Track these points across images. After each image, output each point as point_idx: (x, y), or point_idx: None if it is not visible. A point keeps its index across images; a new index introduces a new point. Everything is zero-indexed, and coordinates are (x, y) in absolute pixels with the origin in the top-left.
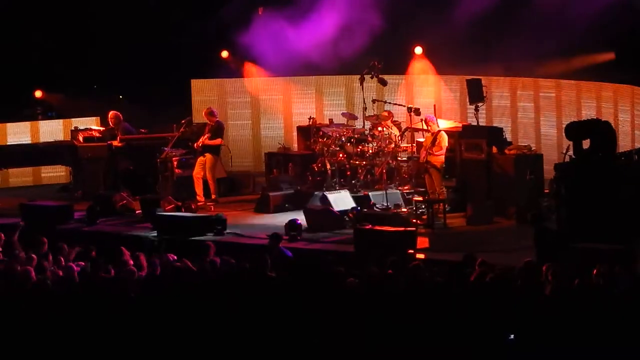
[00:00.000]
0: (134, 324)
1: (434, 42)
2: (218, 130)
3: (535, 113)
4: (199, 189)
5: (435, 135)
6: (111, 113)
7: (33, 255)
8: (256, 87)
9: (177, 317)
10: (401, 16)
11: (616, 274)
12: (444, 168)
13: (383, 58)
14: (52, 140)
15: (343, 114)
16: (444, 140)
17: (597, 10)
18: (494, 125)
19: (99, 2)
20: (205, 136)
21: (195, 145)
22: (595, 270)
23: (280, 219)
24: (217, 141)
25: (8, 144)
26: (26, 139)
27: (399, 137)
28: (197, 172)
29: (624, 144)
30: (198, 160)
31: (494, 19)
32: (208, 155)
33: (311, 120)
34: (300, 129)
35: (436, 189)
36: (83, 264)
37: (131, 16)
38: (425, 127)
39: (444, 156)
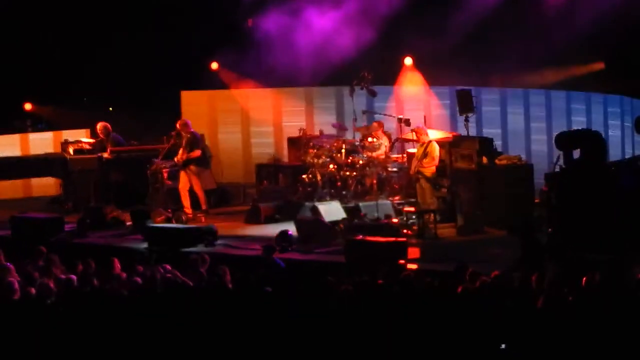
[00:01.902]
0: (123, 335)
1: (424, 53)
2: (194, 141)
3: (525, 123)
4: (186, 201)
5: (426, 146)
6: (100, 125)
7: (10, 265)
8: (246, 98)
9: (168, 329)
10: (391, 27)
11: (606, 284)
12: (435, 178)
13: (373, 69)
14: (42, 152)
15: (333, 125)
16: (435, 151)
17: (587, 21)
18: (484, 135)
19: (88, 14)
20: (184, 150)
21: (175, 160)
22: (584, 280)
23: (271, 230)
24: (196, 153)
25: None
26: (16, 152)
27: (390, 148)
28: (183, 186)
29: (614, 154)
30: (181, 174)
31: (483, 30)
32: (191, 168)
33: (301, 131)
34: (290, 140)
35: (427, 199)
36: (73, 277)
37: (121, 28)
38: (415, 138)
39: (435, 167)
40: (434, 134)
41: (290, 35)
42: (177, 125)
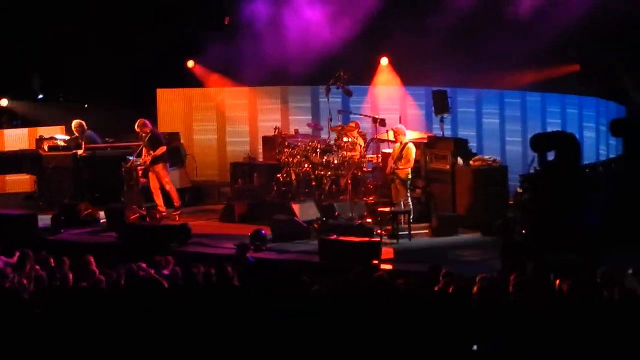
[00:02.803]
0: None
1: (400, 53)
2: (155, 139)
3: (501, 124)
4: (158, 200)
5: (403, 147)
6: (75, 122)
7: None
8: (222, 96)
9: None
10: (367, 27)
11: (580, 284)
12: (410, 180)
13: (349, 68)
14: (16, 148)
15: (308, 124)
16: (412, 153)
17: (562, 23)
18: (459, 136)
19: (64, 11)
20: (148, 150)
21: (141, 161)
22: (558, 281)
23: (245, 229)
24: (161, 149)
25: None
26: None
27: (365, 148)
28: (154, 185)
29: (588, 156)
30: (150, 173)
31: (460, 31)
32: (157, 166)
33: (276, 130)
34: (265, 139)
35: (401, 199)
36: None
37: (97, 25)
38: (393, 138)
39: (410, 168)
40: (409, 135)
41: (266, 34)
42: (135, 126)
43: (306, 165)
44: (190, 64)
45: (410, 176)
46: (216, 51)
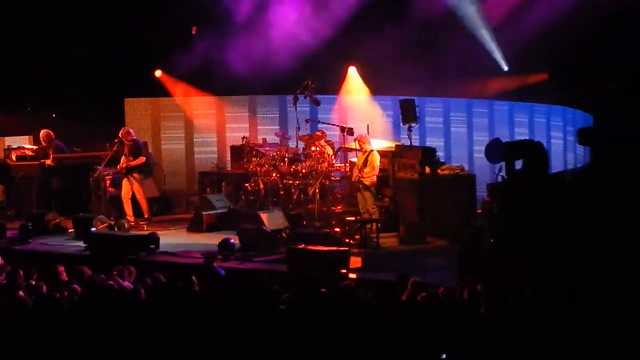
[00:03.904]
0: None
1: (368, 63)
2: (137, 149)
3: (468, 133)
4: (128, 209)
5: (367, 155)
6: (42, 132)
7: None
8: (190, 106)
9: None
10: (335, 36)
11: (546, 294)
12: (376, 187)
13: (317, 78)
14: None
15: (276, 134)
16: (376, 160)
17: (530, 32)
18: (427, 145)
19: (30, 20)
20: (128, 158)
21: (118, 167)
22: (526, 290)
23: (213, 238)
24: (140, 160)
25: None
26: None
27: (332, 157)
28: (125, 193)
29: (555, 165)
30: (124, 181)
31: (427, 39)
32: (133, 175)
33: (244, 139)
34: (233, 148)
35: (369, 208)
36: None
37: (64, 34)
38: (358, 147)
39: (376, 176)
40: (378, 144)
41: (234, 43)
42: (120, 134)
43: (274, 175)
44: (158, 73)
45: (375, 184)
46: (184, 61)
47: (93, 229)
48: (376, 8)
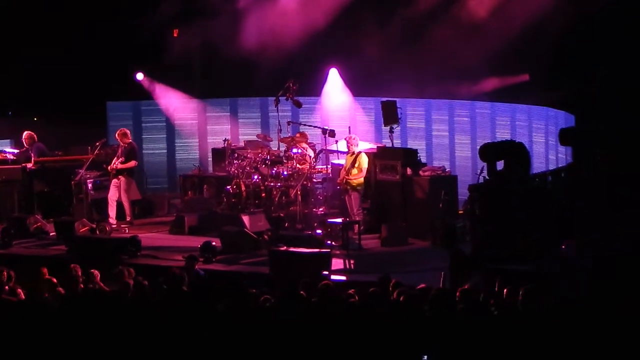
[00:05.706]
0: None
1: (350, 64)
2: (132, 152)
3: (450, 134)
4: (112, 211)
5: (356, 157)
6: (25, 133)
7: None
8: (171, 108)
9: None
10: (317, 38)
11: (527, 295)
12: (363, 189)
13: (298, 80)
14: None
15: (258, 136)
16: (364, 162)
17: (511, 33)
18: (409, 146)
19: (13, 23)
20: (119, 159)
21: (108, 168)
22: (506, 291)
23: (195, 241)
24: (132, 163)
25: None
26: None
27: (314, 159)
28: (112, 195)
29: (537, 165)
30: (112, 182)
31: (408, 40)
32: (122, 178)
33: (226, 142)
34: (215, 151)
35: (354, 210)
36: None
37: (47, 37)
38: (345, 147)
39: (363, 178)
40: (360, 145)
41: (215, 45)
42: (117, 135)
43: (256, 177)
44: (140, 76)
45: (362, 186)
46: (165, 63)
47: (75, 232)
48: (358, 10)
